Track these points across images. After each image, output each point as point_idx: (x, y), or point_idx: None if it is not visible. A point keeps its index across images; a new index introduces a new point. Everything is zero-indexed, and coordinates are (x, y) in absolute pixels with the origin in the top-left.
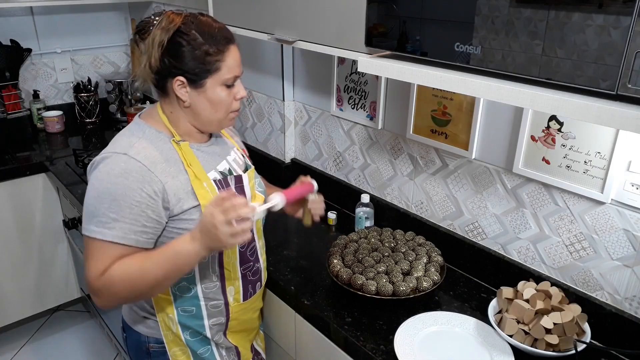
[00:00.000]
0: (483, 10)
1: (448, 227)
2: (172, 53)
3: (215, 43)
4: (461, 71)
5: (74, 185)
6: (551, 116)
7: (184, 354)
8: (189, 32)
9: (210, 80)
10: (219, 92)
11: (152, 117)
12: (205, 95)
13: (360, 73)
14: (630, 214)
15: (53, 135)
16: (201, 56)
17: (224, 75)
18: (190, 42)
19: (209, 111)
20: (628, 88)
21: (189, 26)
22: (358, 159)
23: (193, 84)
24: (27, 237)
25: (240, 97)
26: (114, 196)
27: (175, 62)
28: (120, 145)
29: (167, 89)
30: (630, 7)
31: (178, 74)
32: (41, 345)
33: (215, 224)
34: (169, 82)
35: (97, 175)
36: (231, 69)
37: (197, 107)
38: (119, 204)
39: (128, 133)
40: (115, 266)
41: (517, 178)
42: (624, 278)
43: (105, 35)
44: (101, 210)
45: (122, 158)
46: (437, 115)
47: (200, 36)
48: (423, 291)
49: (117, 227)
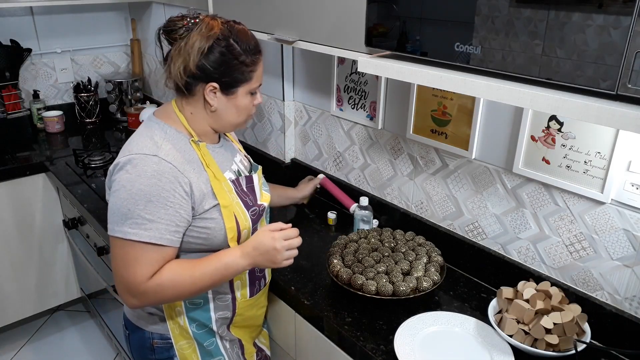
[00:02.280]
0: (483, 10)
1: (448, 227)
2: (211, 60)
3: (251, 53)
4: (461, 71)
5: (74, 185)
6: (551, 116)
7: (190, 346)
8: (227, 40)
9: (242, 88)
10: (245, 99)
11: (169, 116)
12: (234, 102)
13: (360, 73)
14: (630, 214)
15: (53, 135)
16: (238, 66)
17: (254, 85)
18: (230, 51)
19: (233, 116)
20: (628, 88)
21: (227, 34)
22: (358, 159)
23: (225, 91)
24: (27, 237)
25: (258, 103)
26: (149, 197)
27: (212, 68)
28: (146, 147)
29: (194, 92)
30: (630, 7)
31: (212, 80)
32: (41, 345)
33: (277, 247)
34: (200, 85)
35: (127, 177)
36: (259, 78)
37: (223, 112)
38: (154, 205)
39: (149, 133)
40: (166, 272)
41: (517, 178)
42: (624, 278)
43: (105, 35)
44: (135, 211)
45: (153, 160)
46: (437, 115)
47: (238, 46)
48: (423, 291)
49: (154, 227)
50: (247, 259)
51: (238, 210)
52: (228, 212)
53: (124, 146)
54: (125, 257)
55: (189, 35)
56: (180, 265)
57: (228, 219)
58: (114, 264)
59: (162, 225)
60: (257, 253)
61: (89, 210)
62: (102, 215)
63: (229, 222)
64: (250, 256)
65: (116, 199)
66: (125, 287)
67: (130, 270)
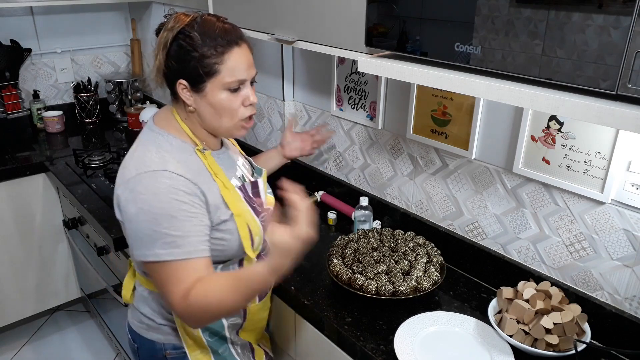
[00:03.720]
0: (483, 10)
1: (448, 227)
2: (173, 55)
3: (214, 45)
4: (461, 71)
5: (74, 185)
6: (551, 116)
7: (205, 355)
8: (190, 33)
9: (210, 84)
10: (220, 96)
11: (171, 125)
12: (206, 100)
13: (360, 73)
14: (630, 214)
15: (53, 135)
16: (198, 58)
17: (225, 79)
18: (189, 44)
19: (212, 117)
20: (628, 88)
21: (192, 27)
22: (358, 159)
23: (194, 87)
24: (27, 237)
25: (249, 104)
26: (171, 214)
27: (176, 64)
28: (153, 162)
29: (175, 93)
30: (630, 7)
31: (179, 77)
32: (41, 345)
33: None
34: (175, 85)
35: (141, 198)
36: (233, 72)
37: (201, 112)
38: (179, 220)
39: (155, 146)
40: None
41: (517, 178)
42: (624, 278)
43: (105, 35)
44: (161, 231)
45: (165, 175)
46: (437, 115)
47: (199, 37)
48: (423, 291)
49: (185, 242)
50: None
51: (249, 218)
52: (241, 221)
53: (127, 159)
54: (166, 278)
55: None
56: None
57: (242, 228)
58: (158, 288)
59: (193, 238)
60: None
61: (89, 210)
62: (102, 215)
63: (243, 232)
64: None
65: (137, 224)
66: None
67: (168, 291)
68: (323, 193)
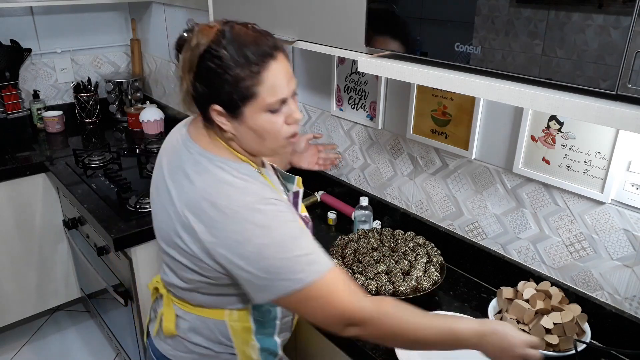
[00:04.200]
0: (483, 10)
1: (448, 227)
2: (202, 78)
3: (248, 64)
4: (461, 71)
5: (74, 185)
6: (551, 116)
7: None
8: (218, 51)
9: (248, 109)
10: (262, 119)
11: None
12: (246, 125)
13: (360, 73)
14: (630, 214)
15: (53, 135)
16: (231, 82)
17: (265, 101)
18: (219, 65)
19: (255, 142)
20: (628, 88)
21: (219, 44)
22: (358, 159)
23: (231, 113)
24: (27, 237)
25: (294, 121)
26: (293, 236)
27: (206, 89)
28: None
29: (209, 118)
30: (630, 7)
31: (212, 102)
32: (41, 345)
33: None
34: (208, 110)
35: (255, 234)
36: (273, 91)
37: (241, 137)
38: (303, 239)
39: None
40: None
41: (517, 178)
42: (624, 278)
43: (105, 35)
44: (293, 256)
45: (263, 202)
46: (437, 115)
47: (229, 57)
48: (423, 291)
49: (318, 256)
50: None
51: None
52: None
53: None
54: (320, 299)
55: None
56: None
57: None
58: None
59: (320, 250)
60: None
61: (89, 210)
62: (102, 215)
63: None
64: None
65: (263, 261)
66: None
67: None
68: (323, 193)
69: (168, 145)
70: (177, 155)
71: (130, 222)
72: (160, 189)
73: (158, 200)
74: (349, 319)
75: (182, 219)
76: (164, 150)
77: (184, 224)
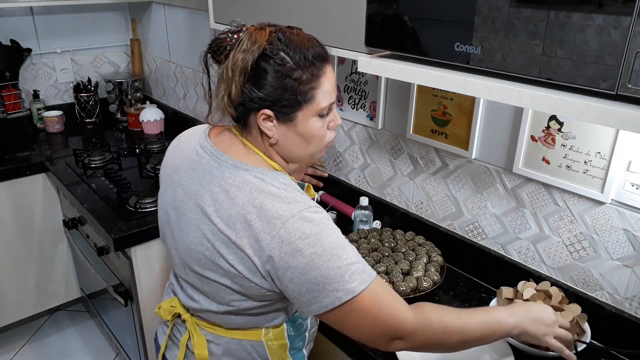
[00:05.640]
0: (483, 10)
1: (448, 227)
2: (256, 82)
3: (309, 66)
4: (461, 71)
5: (74, 185)
6: (551, 116)
7: None
8: (276, 54)
9: (303, 112)
10: (312, 124)
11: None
12: (295, 130)
13: (360, 73)
14: (630, 214)
15: (53, 135)
16: (292, 85)
17: (320, 105)
18: (278, 68)
19: (300, 147)
20: (628, 88)
21: (276, 46)
22: (358, 159)
23: (282, 118)
24: (27, 237)
25: (335, 126)
26: (341, 244)
27: (260, 92)
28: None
29: (249, 123)
30: (630, 7)
31: (264, 107)
32: (41, 345)
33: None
34: (252, 115)
35: (305, 244)
36: (327, 95)
37: (285, 143)
38: (348, 246)
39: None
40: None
41: (517, 178)
42: (624, 278)
43: (105, 35)
44: (344, 265)
45: (310, 211)
46: (437, 115)
47: (290, 59)
48: (423, 291)
49: (364, 265)
50: (515, 317)
51: None
52: None
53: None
54: (367, 311)
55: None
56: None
57: None
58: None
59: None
60: (527, 316)
61: (89, 210)
62: (102, 215)
63: None
64: (519, 315)
65: (314, 271)
66: (389, 335)
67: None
68: (323, 193)
69: (184, 162)
70: (204, 170)
71: (130, 222)
72: (184, 209)
73: (184, 222)
74: (395, 333)
75: (224, 237)
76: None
77: (226, 242)
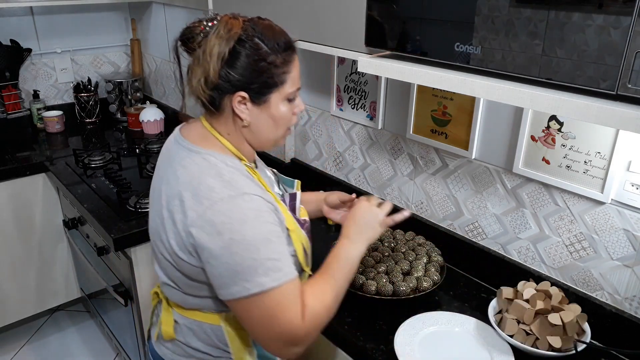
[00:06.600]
0: (483, 10)
1: (448, 227)
2: (233, 65)
3: (282, 51)
4: (461, 71)
5: (74, 185)
6: (551, 116)
7: None
8: (251, 39)
9: (275, 95)
10: (281, 107)
11: (212, 142)
12: (268, 112)
13: (360, 73)
14: (630, 214)
15: (53, 135)
16: (267, 68)
17: (289, 89)
18: (254, 52)
19: (270, 129)
20: (628, 88)
21: (251, 33)
22: (358, 159)
23: (256, 100)
24: (27, 237)
25: (299, 111)
26: (268, 237)
27: (237, 75)
28: (224, 187)
29: (222, 107)
30: (630, 7)
31: (239, 89)
32: (41, 345)
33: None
34: (226, 98)
35: (228, 228)
36: (295, 81)
37: (257, 125)
38: (276, 243)
39: (213, 170)
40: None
41: (517, 178)
42: (624, 278)
43: (105, 35)
44: (261, 258)
45: (245, 198)
46: (437, 115)
47: (264, 44)
48: (423, 291)
49: (284, 264)
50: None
51: (300, 232)
52: (296, 237)
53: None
54: (270, 310)
55: (206, 40)
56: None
57: (297, 244)
58: (257, 326)
59: (288, 258)
60: (361, 230)
61: (89, 210)
62: (102, 215)
63: (298, 248)
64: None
65: (229, 257)
66: (285, 340)
67: (283, 319)
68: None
69: (164, 149)
70: (168, 155)
71: (130, 222)
72: (154, 190)
73: (151, 201)
74: (292, 339)
75: (165, 213)
76: (161, 155)
77: (167, 217)
